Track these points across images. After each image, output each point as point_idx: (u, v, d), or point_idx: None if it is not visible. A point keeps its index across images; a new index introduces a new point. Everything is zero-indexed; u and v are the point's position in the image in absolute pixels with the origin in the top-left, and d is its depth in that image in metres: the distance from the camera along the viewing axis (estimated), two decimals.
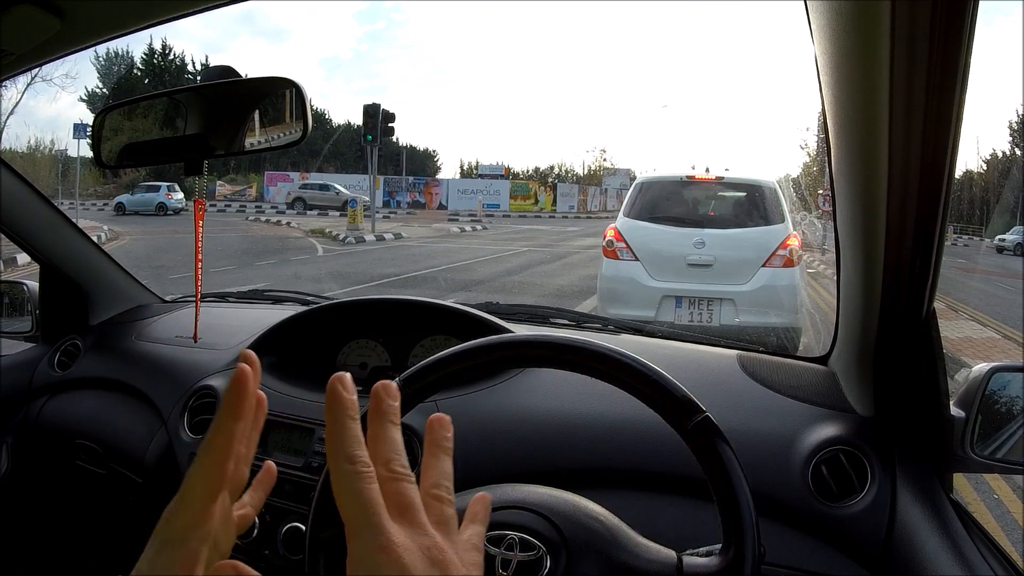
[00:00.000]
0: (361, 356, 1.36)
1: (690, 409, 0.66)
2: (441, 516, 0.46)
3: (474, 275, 10.25)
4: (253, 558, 1.11)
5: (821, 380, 1.11)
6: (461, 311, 1.30)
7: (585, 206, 33.78)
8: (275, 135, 1.09)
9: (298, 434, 1.16)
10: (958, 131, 0.66)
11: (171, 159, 1.21)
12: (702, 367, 1.18)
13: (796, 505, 0.92)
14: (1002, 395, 0.94)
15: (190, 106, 1.10)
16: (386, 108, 13.19)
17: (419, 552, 0.41)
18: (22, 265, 7.30)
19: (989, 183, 20.75)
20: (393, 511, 0.42)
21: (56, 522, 1.56)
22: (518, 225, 23.29)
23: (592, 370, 0.72)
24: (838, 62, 0.70)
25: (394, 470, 0.44)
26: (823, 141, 0.87)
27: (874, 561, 0.89)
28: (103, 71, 30.82)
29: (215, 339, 1.42)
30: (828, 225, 4.34)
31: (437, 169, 41.13)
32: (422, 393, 0.77)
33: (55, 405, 1.54)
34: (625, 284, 5.09)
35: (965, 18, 0.57)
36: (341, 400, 0.44)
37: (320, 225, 17.46)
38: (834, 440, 0.97)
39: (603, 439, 1.03)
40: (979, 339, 6.67)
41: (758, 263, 4.88)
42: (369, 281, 9.23)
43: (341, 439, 0.43)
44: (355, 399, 0.45)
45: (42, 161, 20.82)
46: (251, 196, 29.37)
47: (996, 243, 16.67)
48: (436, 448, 0.51)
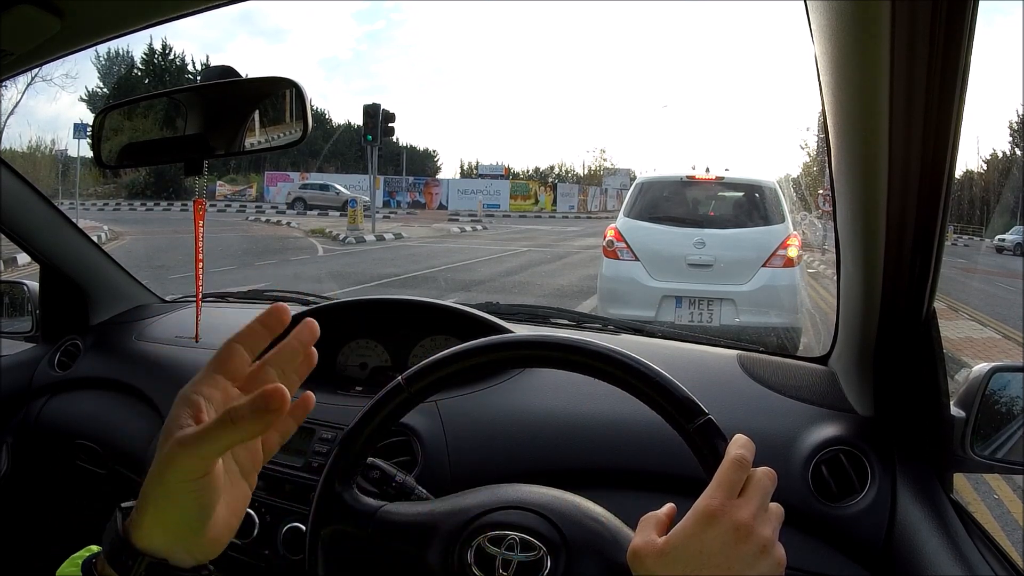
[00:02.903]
0: (361, 356, 1.36)
1: (692, 411, 0.66)
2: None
3: (474, 275, 10.25)
4: (253, 558, 1.11)
5: (821, 380, 1.11)
6: (461, 311, 1.30)
7: (585, 206, 33.77)
8: (275, 135, 1.09)
9: (298, 434, 1.15)
10: (958, 131, 0.65)
11: (171, 159, 1.21)
12: (702, 367, 1.18)
13: (796, 505, 0.92)
14: (1002, 395, 0.94)
15: (190, 106, 1.10)
16: (386, 108, 13.19)
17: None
18: (22, 265, 7.30)
19: (989, 183, 20.74)
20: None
21: (56, 522, 1.56)
22: (518, 225, 23.28)
23: (593, 370, 0.72)
24: (838, 62, 0.70)
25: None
26: (823, 141, 0.87)
27: (874, 561, 0.89)
28: (103, 71, 30.86)
29: (215, 339, 1.42)
30: (828, 225, 4.35)
31: (437, 169, 41.15)
32: (423, 393, 0.77)
33: (55, 405, 1.54)
34: (625, 284, 5.10)
35: (965, 18, 0.57)
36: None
37: (320, 225, 17.46)
38: (834, 440, 0.97)
39: (603, 439, 1.03)
40: (979, 339, 6.67)
41: (758, 263, 4.89)
42: (369, 281, 9.23)
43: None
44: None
45: (42, 161, 20.81)
46: (251, 196, 29.36)
47: (996, 243, 16.67)
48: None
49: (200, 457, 0.46)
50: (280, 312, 0.52)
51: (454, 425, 1.07)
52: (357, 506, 0.77)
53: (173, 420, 0.47)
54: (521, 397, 1.12)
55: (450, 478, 1.01)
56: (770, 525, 0.56)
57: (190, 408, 0.48)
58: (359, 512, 0.76)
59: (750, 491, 0.56)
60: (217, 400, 0.49)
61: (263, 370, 0.52)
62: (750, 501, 0.56)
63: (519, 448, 1.05)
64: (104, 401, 1.47)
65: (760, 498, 0.56)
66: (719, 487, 0.56)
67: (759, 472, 0.58)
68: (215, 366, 0.50)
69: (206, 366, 0.51)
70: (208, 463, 0.47)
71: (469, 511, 0.75)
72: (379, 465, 0.84)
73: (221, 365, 0.50)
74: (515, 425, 1.08)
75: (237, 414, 0.44)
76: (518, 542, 0.72)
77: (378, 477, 0.83)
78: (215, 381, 0.50)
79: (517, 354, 0.78)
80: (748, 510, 0.55)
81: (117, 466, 1.38)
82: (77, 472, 1.45)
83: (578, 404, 1.08)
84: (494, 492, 0.78)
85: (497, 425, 1.08)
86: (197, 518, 0.48)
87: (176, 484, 0.46)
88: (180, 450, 0.45)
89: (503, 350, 0.77)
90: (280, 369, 0.52)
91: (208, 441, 0.45)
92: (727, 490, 0.56)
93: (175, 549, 0.48)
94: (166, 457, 0.46)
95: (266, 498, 1.11)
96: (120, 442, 1.38)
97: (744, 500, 0.56)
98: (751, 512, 0.55)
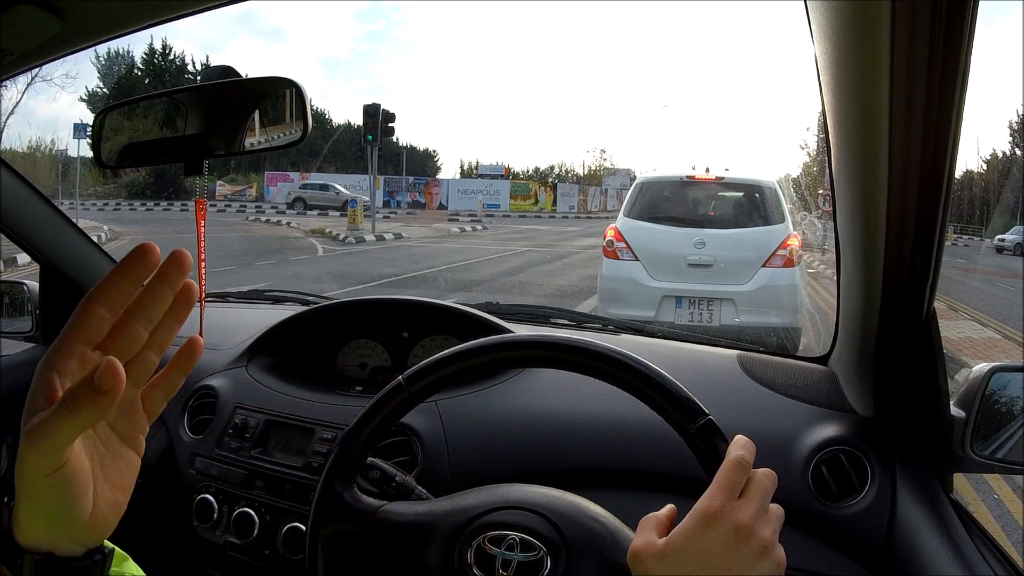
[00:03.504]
0: (361, 356, 1.36)
1: (693, 411, 0.66)
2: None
3: (474, 275, 10.25)
4: (253, 558, 1.11)
5: (821, 380, 1.11)
6: (461, 311, 1.30)
7: (585, 206, 33.76)
8: (275, 135, 1.09)
9: (298, 434, 1.16)
10: (958, 131, 0.65)
11: (171, 159, 1.21)
12: (702, 367, 1.18)
13: (796, 505, 0.92)
14: (1002, 395, 0.94)
15: (190, 106, 1.10)
16: (386, 108, 13.17)
17: None
18: (22, 265, 7.30)
19: (989, 183, 20.74)
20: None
21: None
22: (518, 225, 23.28)
23: (593, 371, 0.72)
24: (838, 62, 0.70)
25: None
26: (823, 141, 0.87)
27: (874, 561, 0.89)
28: (103, 71, 30.85)
29: (215, 339, 1.42)
30: (828, 225, 4.34)
31: (437, 169, 41.13)
32: (423, 393, 0.77)
33: None
34: (625, 284, 5.10)
35: (965, 18, 0.57)
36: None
37: (320, 225, 17.46)
38: (834, 440, 0.97)
39: (603, 439, 1.03)
40: (979, 339, 6.66)
41: (758, 263, 4.88)
42: (369, 281, 9.23)
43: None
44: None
45: (42, 161, 20.82)
46: (251, 196, 29.36)
47: (996, 243, 16.66)
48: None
49: (45, 453, 0.41)
50: (144, 254, 0.43)
51: (454, 425, 1.07)
52: (357, 506, 0.77)
53: (29, 404, 0.43)
54: (521, 397, 1.12)
55: (450, 478, 1.01)
56: (770, 526, 0.56)
57: (43, 389, 0.42)
58: (359, 512, 0.76)
59: (750, 492, 0.56)
60: (73, 371, 0.43)
61: (126, 324, 0.44)
62: (750, 502, 0.56)
63: (519, 448, 1.05)
64: None
65: (760, 499, 0.56)
66: (719, 488, 0.56)
67: (759, 473, 0.58)
68: (69, 331, 0.43)
69: (61, 332, 0.44)
70: (57, 457, 0.42)
71: (469, 511, 0.75)
72: (379, 465, 0.84)
73: (75, 329, 0.43)
74: (515, 425, 1.08)
75: (74, 399, 0.39)
76: (518, 542, 0.72)
77: (378, 477, 0.83)
78: (70, 350, 0.43)
79: (517, 354, 0.78)
80: (748, 511, 0.55)
81: None
82: None
83: (578, 404, 1.08)
84: (494, 492, 0.78)
85: (497, 425, 1.08)
86: (69, 509, 0.44)
87: (32, 482, 0.42)
88: (28, 447, 0.41)
89: (503, 350, 0.77)
90: (147, 318, 0.44)
91: (49, 434, 0.40)
92: (728, 491, 0.56)
93: (58, 540, 0.45)
94: (20, 453, 0.41)
95: (266, 498, 1.11)
96: None
97: (744, 501, 0.56)
98: (751, 513, 0.55)
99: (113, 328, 0.44)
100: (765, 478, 0.58)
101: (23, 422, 0.42)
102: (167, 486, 1.23)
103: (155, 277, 0.44)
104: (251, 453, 1.16)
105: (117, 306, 0.44)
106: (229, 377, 1.30)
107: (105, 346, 0.44)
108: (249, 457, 1.16)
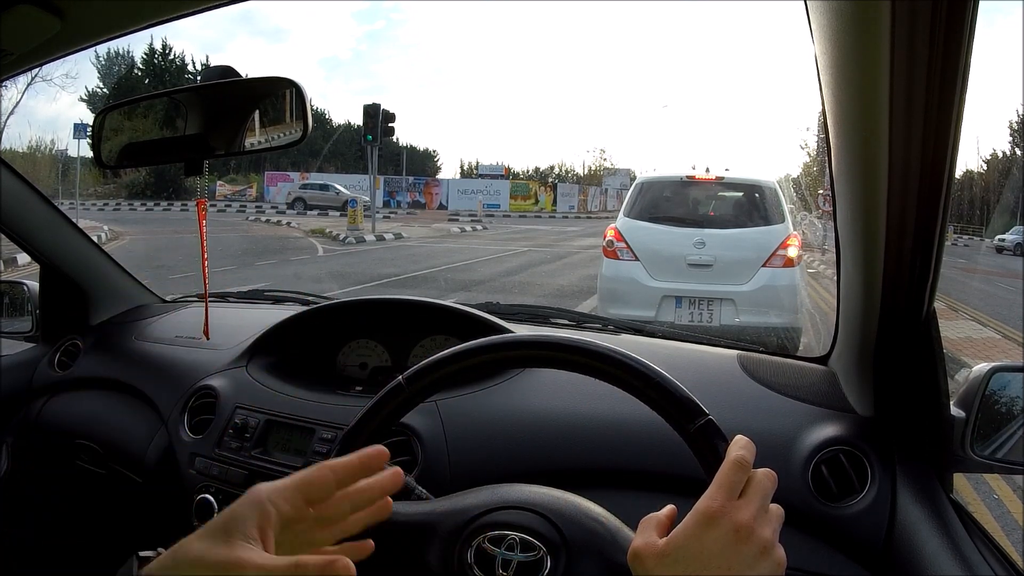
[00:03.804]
0: (361, 356, 1.36)
1: (693, 411, 0.66)
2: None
3: (474, 275, 10.25)
4: None
5: (821, 380, 1.11)
6: (461, 311, 1.30)
7: (585, 206, 33.76)
8: (275, 135, 1.09)
9: (298, 434, 1.16)
10: (958, 131, 0.65)
11: (171, 159, 1.21)
12: (702, 367, 1.18)
13: (796, 505, 0.92)
14: (1002, 395, 0.94)
15: (190, 106, 1.10)
16: (386, 108, 13.18)
17: None
18: (22, 265, 7.30)
19: (989, 183, 20.74)
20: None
21: (56, 522, 1.56)
22: (518, 225, 23.28)
23: (593, 371, 0.72)
24: (838, 62, 0.70)
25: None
26: (823, 141, 0.87)
27: (874, 561, 0.89)
28: (103, 71, 30.84)
29: (215, 339, 1.42)
30: (828, 225, 4.34)
31: (437, 169, 41.16)
32: (423, 393, 0.77)
33: (55, 405, 1.54)
34: (625, 284, 5.10)
35: (965, 18, 0.57)
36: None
37: (320, 225, 17.46)
38: (834, 440, 0.97)
39: (603, 439, 1.03)
40: (979, 339, 6.67)
41: (758, 263, 4.88)
42: (369, 281, 9.23)
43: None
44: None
45: (42, 161, 20.81)
46: (251, 196, 29.36)
47: (996, 243, 16.67)
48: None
49: None
50: (380, 456, 0.53)
51: (454, 425, 1.07)
52: None
53: (237, 518, 0.47)
54: (521, 397, 1.12)
55: (450, 478, 1.01)
56: (770, 526, 0.56)
57: (259, 516, 0.47)
58: None
59: (751, 492, 0.56)
60: (286, 515, 0.49)
61: (338, 501, 0.52)
62: (751, 502, 0.56)
63: (519, 448, 1.05)
64: (104, 401, 1.47)
65: (760, 499, 0.56)
66: (720, 488, 0.56)
67: (759, 473, 0.58)
68: (299, 483, 0.50)
69: (291, 478, 0.51)
70: None
71: (469, 511, 0.75)
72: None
73: (306, 484, 0.51)
74: (515, 425, 1.08)
75: (306, 571, 0.44)
76: (518, 542, 0.72)
77: None
78: (293, 497, 0.50)
79: (517, 354, 0.78)
80: (748, 511, 0.55)
81: (117, 466, 1.38)
82: (77, 472, 1.45)
83: (578, 404, 1.08)
84: (494, 492, 0.78)
85: (497, 425, 1.08)
86: None
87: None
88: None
89: (503, 350, 0.77)
90: (352, 506, 0.53)
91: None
92: (728, 491, 0.56)
93: None
94: (225, 564, 0.44)
95: None
96: (120, 442, 1.38)
97: (745, 501, 0.56)
98: (751, 513, 0.55)
99: (332, 500, 0.52)
100: (765, 478, 0.58)
101: (223, 529, 0.46)
102: (167, 486, 1.23)
103: (377, 482, 0.53)
104: (251, 453, 1.16)
105: (340, 484, 0.52)
106: (229, 377, 1.30)
107: (318, 509, 0.51)
108: (249, 457, 1.16)
